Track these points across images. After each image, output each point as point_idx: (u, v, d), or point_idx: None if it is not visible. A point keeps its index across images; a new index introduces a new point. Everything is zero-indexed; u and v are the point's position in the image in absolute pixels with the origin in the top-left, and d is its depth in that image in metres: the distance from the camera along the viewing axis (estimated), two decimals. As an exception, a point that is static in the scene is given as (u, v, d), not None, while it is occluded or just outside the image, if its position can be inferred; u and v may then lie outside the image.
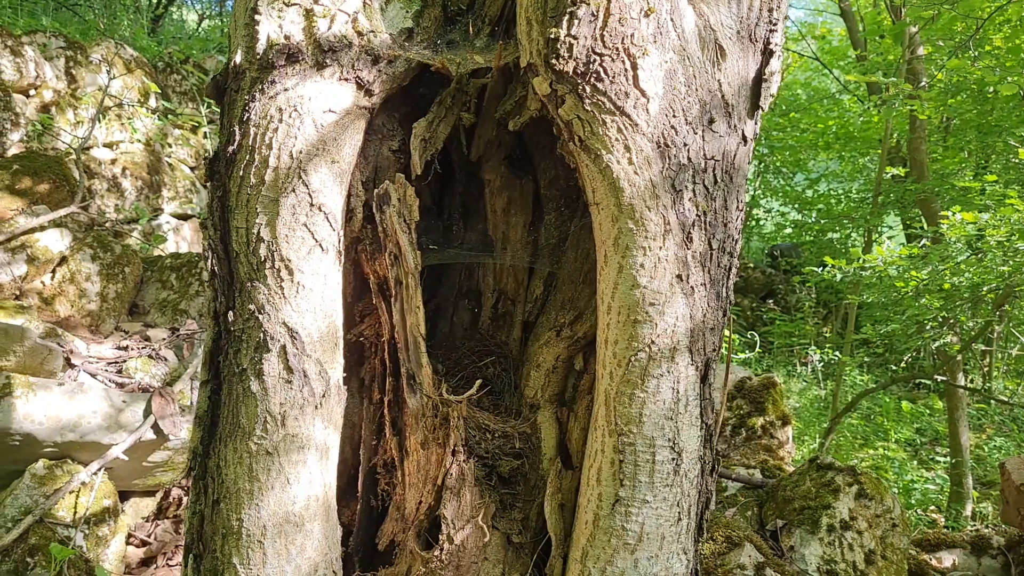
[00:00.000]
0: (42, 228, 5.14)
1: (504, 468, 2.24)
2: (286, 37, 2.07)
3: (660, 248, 1.95)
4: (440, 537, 2.18)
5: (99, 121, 7.07)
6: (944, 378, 7.91)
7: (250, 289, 2.05)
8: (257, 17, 2.08)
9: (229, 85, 2.14)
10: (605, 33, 1.85)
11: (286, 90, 2.06)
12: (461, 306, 2.60)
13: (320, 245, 2.08)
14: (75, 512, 3.90)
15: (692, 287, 1.99)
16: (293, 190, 2.05)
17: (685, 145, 1.94)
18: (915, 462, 9.81)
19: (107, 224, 6.43)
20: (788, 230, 15.91)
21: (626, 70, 1.87)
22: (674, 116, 1.93)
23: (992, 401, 9.89)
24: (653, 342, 1.98)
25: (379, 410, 2.38)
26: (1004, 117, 8.92)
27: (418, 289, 2.19)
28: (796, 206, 15.24)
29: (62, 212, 5.37)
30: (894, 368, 8.56)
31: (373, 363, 2.40)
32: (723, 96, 1.98)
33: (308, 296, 2.09)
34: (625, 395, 2.01)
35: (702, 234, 1.99)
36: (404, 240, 2.16)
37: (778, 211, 16.34)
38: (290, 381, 2.07)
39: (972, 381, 11.21)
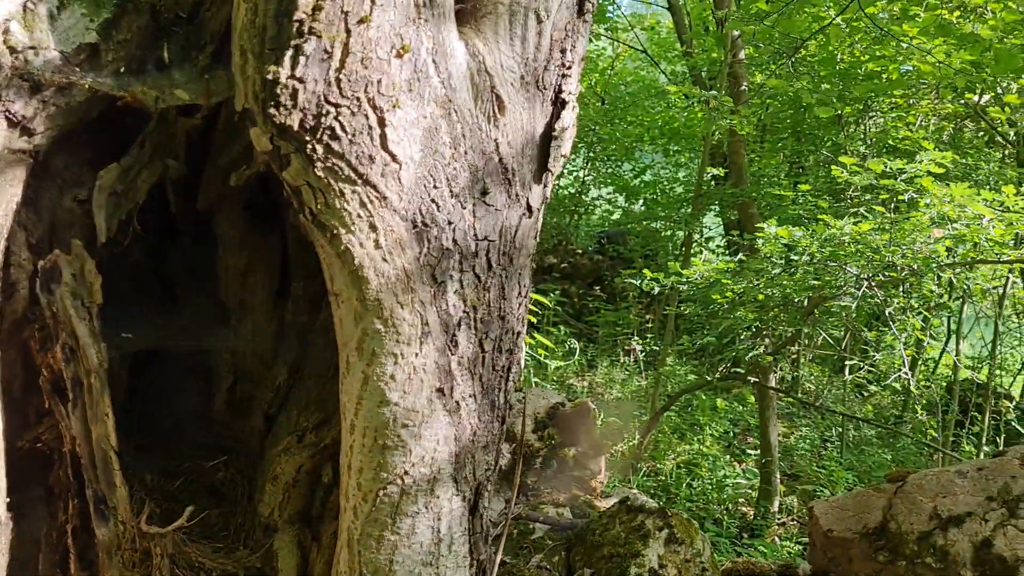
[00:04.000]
0: None
1: (224, 618, 1.75)
2: None
3: (416, 355, 1.51)
4: None
5: None
6: (756, 379, 8.01)
7: None
8: None
9: None
10: (342, 77, 1.37)
11: (-101, 125, 1.47)
12: (189, 386, 2.07)
13: (-44, 337, 1.51)
14: None
15: (457, 401, 1.57)
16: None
17: (450, 224, 1.51)
18: (727, 456, 10.00)
19: None
20: (615, 216, 15.99)
21: (371, 127, 1.40)
22: (435, 187, 1.48)
23: (798, 400, 10.23)
24: (407, 472, 1.55)
25: (63, 537, 1.83)
26: (816, 125, 9.11)
27: (105, 391, 1.66)
28: (623, 194, 15.31)
29: None
30: (708, 378, 8.67)
31: (59, 474, 1.84)
32: (501, 159, 1.56)
33: (-60, 407, 1.52)
34: (372, 537, 1.57)
35: (471, 334, 1.57)
36: (83, 330, 1.61)
37: (606, 198, 16.40)
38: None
39: (781, 369, 11.58)
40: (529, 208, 1.63)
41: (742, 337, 6.51)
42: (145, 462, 1.90)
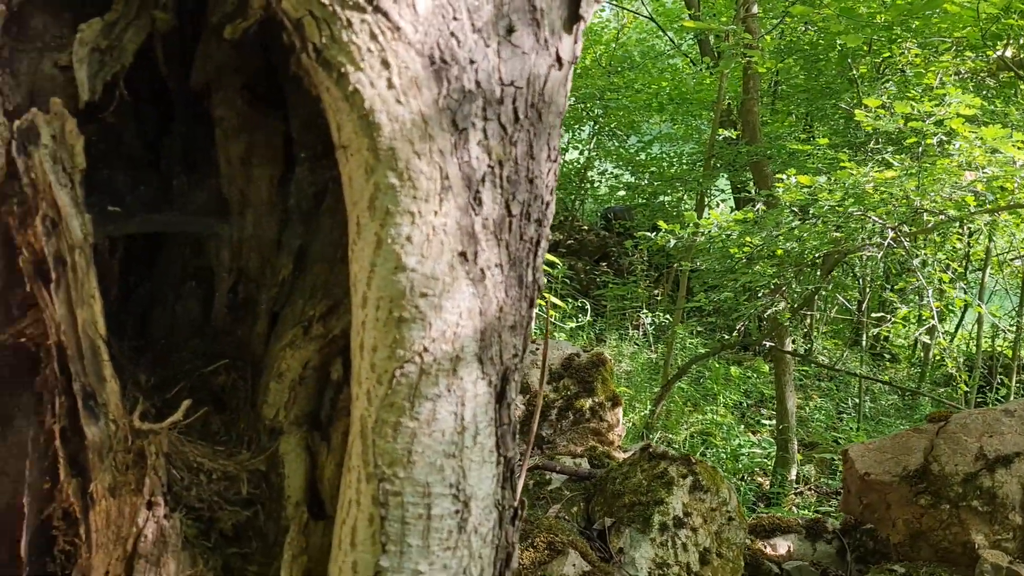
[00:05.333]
0: None
1: (226, 523, 1.60)
2: None
3: (435, 213, 1.35)
4: (132, 626, 1.53)
5: None
6: (773, 344, 7.85)
7: None
8: None
9: None
10: None
11: None
12: (187, 291, 1.90)
13: (-78, 205, 1.36)
14: None
15: (482, 269, 1.40)
16: None
17: (472, 63, 1.34)
18: (742, 426, 9.86)
19: None
20: (621, 192, 15.83)
21: (381, -55, 1.24)
22: (455, 18, 1.31)
23: (814, 364, 10.06)
24: (426, 349, 1.38)
25: (52, 441, 1.67)
26: (831, 82, 8.91)
27: (91, 270, 1.50)
28: (630, 168, 15.14)
29: None
30: (726, 337, 8.50)
31: (46, 373, 1.68)
32: (528, -4, 1.39)
33: (-94, 283, 1.36)
34: (388, 425, 1.41)
35: (497, 194, 1.40)
36: (64, 198, 1.45)
37: (612, 173, 16.24)
38: None
39: (794, 342, 11.44)
40: (559, 59, 1.46)
41: (760, 294, 6.34)
42: (140, 364, 1.74)
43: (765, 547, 4.18)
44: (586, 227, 16.13)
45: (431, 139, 1.32)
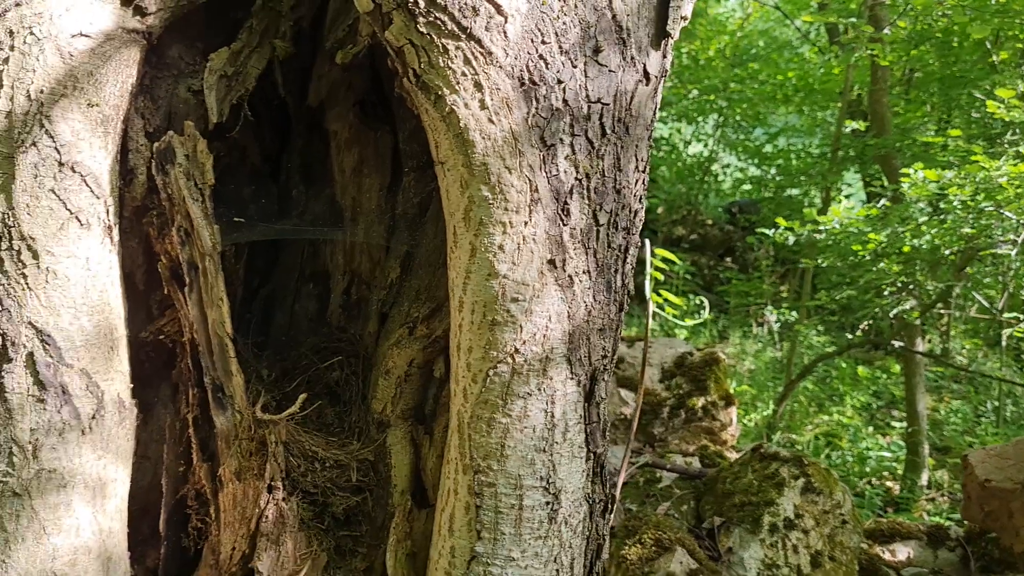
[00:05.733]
0: None
1: (338, 507, 1.73)
2: (16, -70, 1.50)
3: (525, 224, 1.43)
4: (255, 598, 1.68)
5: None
6: (902, 343, 7.55)
7: (-22, 278, 1.51)
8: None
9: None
10: (443, -79, 1.30)
11: (18, 5, 1.50)
12: (304, 292, 2.06)
13: (77, 218, 1.54)
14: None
15: (570, 276, 1.48)
16: (34, 143, 1.51)
17: (560, 82, 1.42)
18: (870, 428, 9.52)
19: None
20: (747, 186, 15.46)
21: (473, -25, 1.33)
22: (543, 42, 1.39)
23: (947, 364, 9.59)
24: (518, 350, 1.47)
25: (186, 428, 1.85)
26: (968, 69, 8.45)
27: (219, 275, 1.66)
28: (755, 161, 14.77)
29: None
30: (850, 336, 8.23)
31: (180, 367, 1.87)
32: (614, 16, 1.45)
33: (64, 286, 1.55)
34: (483, 420, 1.51)
35: (584, 204, 1.48)
36: (196, 211, 1.61)
37: (736, 167, 15.88)
38: (43, 400, 1.55)
39: (930, 341, 10.94)
40: (646, 74, 1.51)
41: (886, 293, 6.12)
42: (263, 359, 1.91)
43: (883, 552, 4.07)
44: (710, 221, 15.84)
45: (521, 155, 1.40)
